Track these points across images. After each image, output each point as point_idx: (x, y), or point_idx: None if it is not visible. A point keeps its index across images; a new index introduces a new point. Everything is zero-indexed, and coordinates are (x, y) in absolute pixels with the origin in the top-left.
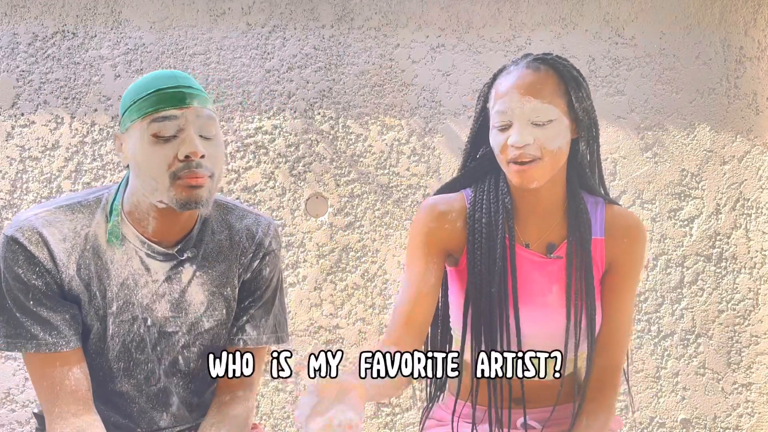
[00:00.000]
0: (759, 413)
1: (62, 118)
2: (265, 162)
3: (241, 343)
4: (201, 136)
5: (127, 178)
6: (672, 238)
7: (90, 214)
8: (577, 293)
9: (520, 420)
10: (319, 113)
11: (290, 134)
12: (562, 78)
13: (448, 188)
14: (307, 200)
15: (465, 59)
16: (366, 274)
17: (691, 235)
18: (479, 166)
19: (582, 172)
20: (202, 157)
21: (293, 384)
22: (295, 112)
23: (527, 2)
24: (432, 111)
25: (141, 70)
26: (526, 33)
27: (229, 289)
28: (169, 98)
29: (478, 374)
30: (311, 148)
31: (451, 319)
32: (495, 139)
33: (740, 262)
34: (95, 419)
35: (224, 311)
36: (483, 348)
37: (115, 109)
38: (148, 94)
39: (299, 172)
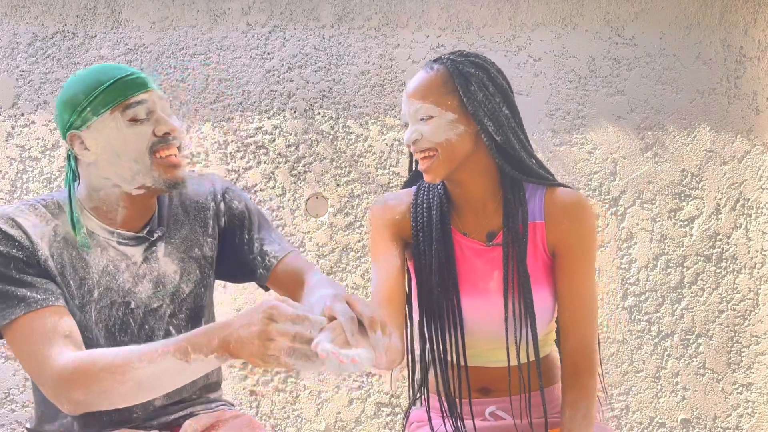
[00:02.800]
0: (759, 413)
1: None
2: (265, 162)
3: (274, 260)
4: (165, 115)
5: (73, 184)
6: (672, 238)
7: (55, 209)
8: (513, 280)
9: (489, 409)
10: (319, 113)
11: (290, 134)
12: (451, 75)
13: (403, 188)
14: (307, 200)
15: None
16: (366, 274)
17: (691, 235)
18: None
19: (514, 161)
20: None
21: (293, 384)
22: (295, 112)
23: (527, 2)
24: None
25: (141, 70)
26: (526, 33)
27: (196, 249)
28: (135, 84)
29: (429, 361)
30: (311, 148)
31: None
32: (405, 140)
33: (740, 262)
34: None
35: (198, 271)
36: (430, 335)
37: None
38: (110, 85)
39: (299, 172)
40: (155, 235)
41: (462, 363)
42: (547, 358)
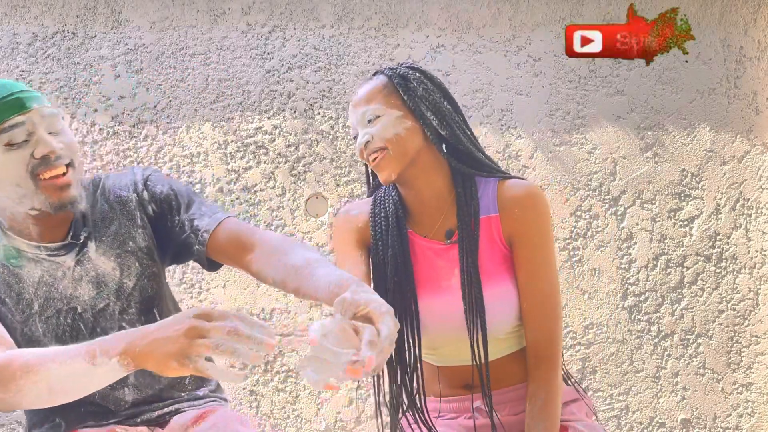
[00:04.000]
0: (759, 413)
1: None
2: (265, 162)
3: (206, 234)
4: (50, 133)
5: None
6: (672, 238)
7: None
8: (467, 276)
9: (475, 404)
10: (319, 113)
11: (290, 134)
12: (390, 79)
13: (366, 197)
14: (307, 200)
15: (465, 59)
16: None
17: (691, 235)
18: None
19: (463, 156)
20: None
21: (293, 384)
22: (295, 112)
23: (527, 2)
24: None
25: (141, 70)
26: (526, 33)
27: (130, 242)
28: (9, 107)
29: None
30: (311, 148)
31: None
32: (356, 149)
33: (740, 262)
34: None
35: (137, 264)
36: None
37: (115, 109)
38: None
39: (299, 172)
40: (81, 238)
41: (418, 364)
42: (523, 351)
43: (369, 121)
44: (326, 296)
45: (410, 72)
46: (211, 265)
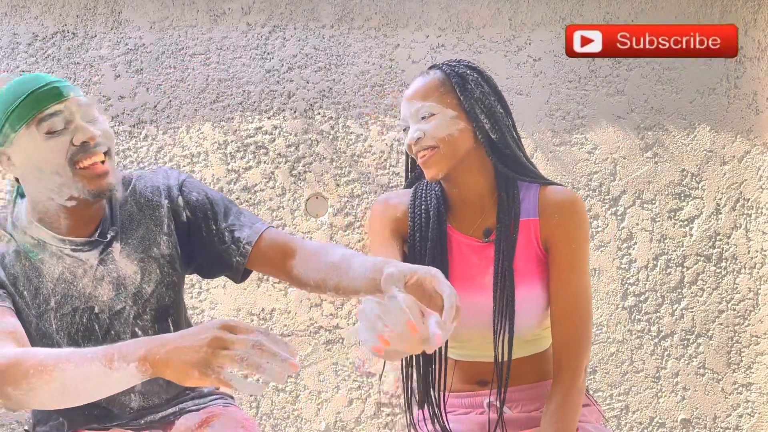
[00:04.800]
0: (759, 413)
1: None
2: (265, 162)
3: (248, 246)
4: (88, 121)
5: (19, 195)
6: (672, 238)
7: (6, 223)
8: (501, 276)
9: (486, 400)
10: (319, 113)
11: (290, 134)
12: (448, 77)
13: (404, 188)
14: (307, 200)
15: (465, 59)
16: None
17: (691, 235)
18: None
19: (509, 160)
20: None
21: (293, 384)
22: (295, 112)
23: (527, 2)
24: None
25: (141, 70)
26: (526, 33)
27: (155, 248)
28: (48, 95)
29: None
30: (311, 148)
31: None
32: (406, 142)
33: (740, 262)
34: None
35: (158, 271)
36: None
37: (115, 108)
38: (24, 99)
39: (299, 172)
40: (108, 237)
41: (444, 357)
42: (545, 353)
43: (423, 117)
44: (365, 284)
45: (468, 72)
46: (243, 277)
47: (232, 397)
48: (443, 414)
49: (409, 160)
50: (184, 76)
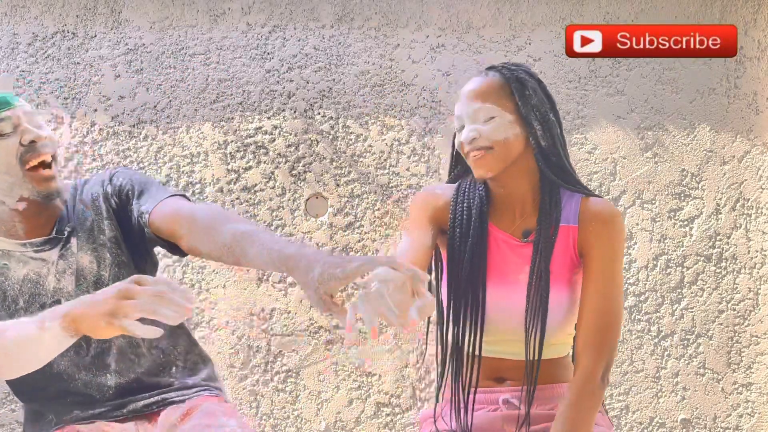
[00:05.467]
0: (759, 413)
1: (62, 118)
2: (265, 162)
3: (146, 216)
4: (34, 126)
5: None
6: (672, 238)
7: None
8: (537, 276)
9: (502, 397)
10: (319, 113)
11: (290, 134)
12: (507, 81)
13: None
14: (307, 200)
15: (465, 59)
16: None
17: (691, 235)
18: (466, 166)
19: (555, 168)
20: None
21: (293, 384)
22: (295, 112)
23: (527, 2)
24: (432, 111)
25: (141, 70)
26: (526, 33)
27: (101, 236)
28: None
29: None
30: (311, 148)
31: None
32: (456, 139)
33: (740, 262)
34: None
35: (107, 254)
36: (461, 322)
37: (115, 108)
38: None
39: (299, 172)
40: (65, 233)
41: (477, 352)
42: (564, 360)
43: (483, 120)
44: (269, 268)
45: (527, 78)
46: (174, 249)
47: (219, 389)
48: (467, 411)
49: (454, 156)
50: (184, 76)
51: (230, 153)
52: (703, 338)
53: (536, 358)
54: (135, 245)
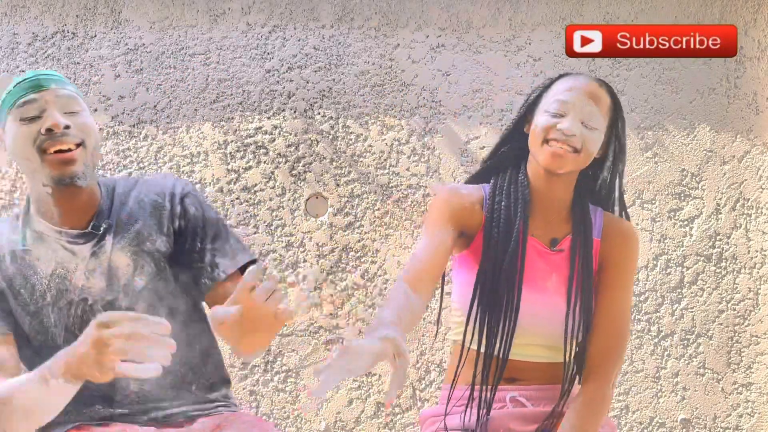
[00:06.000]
0: (759, 413)
1: None
2: (265, 162)
3: (222, 274)
4: (66, 113)
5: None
6: (672, 238)
7: (9, 225)
8: (577, 284)
9: (509, 395)
10: (319, 113)
11: (290, 134)
12: (614, 101)
13: (469, 181)
14: (307, 200)
15: (465, 59)
16: (366, 274)
17: (691, 235)
18: (499, 162)
19: (593, 187)
20: (67, 128)
21: (293, 384)
22: (295, 112)
23: (527, 2)
24: (432, 111)
25: (141, 70)
26: (526, 33)
27: (148, 243)
28: (27, 86)
29: (482, 350)
30: (311, 148)
31: (454, 303)
32: (544, 119)
33: (740, 262)
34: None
35: (153, 265)
36: (488, 324)
37: (115, 108)
38: (12, 88)
39: (299, 172)
40: (101, 230)
41: (504, 355)
42: (561, 365)
43: (589, 127)
44: None
45: (621, 106)
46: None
47: (236, 405)
48: (488, 412)
49: (500, 145)
50: (184, 76)
51: (230, 153)
52: (703, 338)
53: (572, 361)
54: (184, 268)
